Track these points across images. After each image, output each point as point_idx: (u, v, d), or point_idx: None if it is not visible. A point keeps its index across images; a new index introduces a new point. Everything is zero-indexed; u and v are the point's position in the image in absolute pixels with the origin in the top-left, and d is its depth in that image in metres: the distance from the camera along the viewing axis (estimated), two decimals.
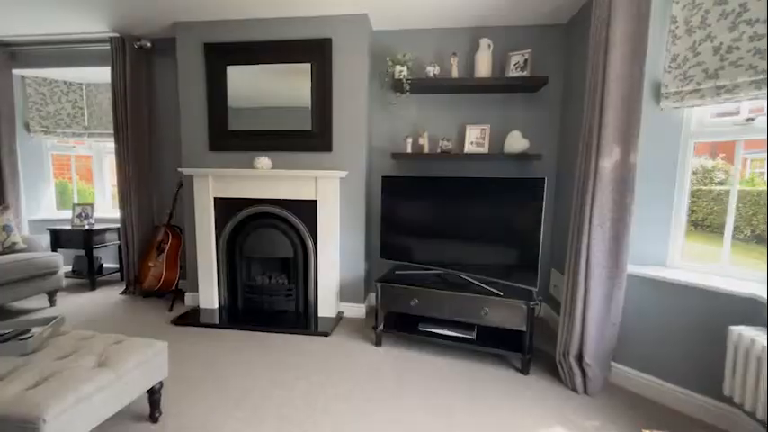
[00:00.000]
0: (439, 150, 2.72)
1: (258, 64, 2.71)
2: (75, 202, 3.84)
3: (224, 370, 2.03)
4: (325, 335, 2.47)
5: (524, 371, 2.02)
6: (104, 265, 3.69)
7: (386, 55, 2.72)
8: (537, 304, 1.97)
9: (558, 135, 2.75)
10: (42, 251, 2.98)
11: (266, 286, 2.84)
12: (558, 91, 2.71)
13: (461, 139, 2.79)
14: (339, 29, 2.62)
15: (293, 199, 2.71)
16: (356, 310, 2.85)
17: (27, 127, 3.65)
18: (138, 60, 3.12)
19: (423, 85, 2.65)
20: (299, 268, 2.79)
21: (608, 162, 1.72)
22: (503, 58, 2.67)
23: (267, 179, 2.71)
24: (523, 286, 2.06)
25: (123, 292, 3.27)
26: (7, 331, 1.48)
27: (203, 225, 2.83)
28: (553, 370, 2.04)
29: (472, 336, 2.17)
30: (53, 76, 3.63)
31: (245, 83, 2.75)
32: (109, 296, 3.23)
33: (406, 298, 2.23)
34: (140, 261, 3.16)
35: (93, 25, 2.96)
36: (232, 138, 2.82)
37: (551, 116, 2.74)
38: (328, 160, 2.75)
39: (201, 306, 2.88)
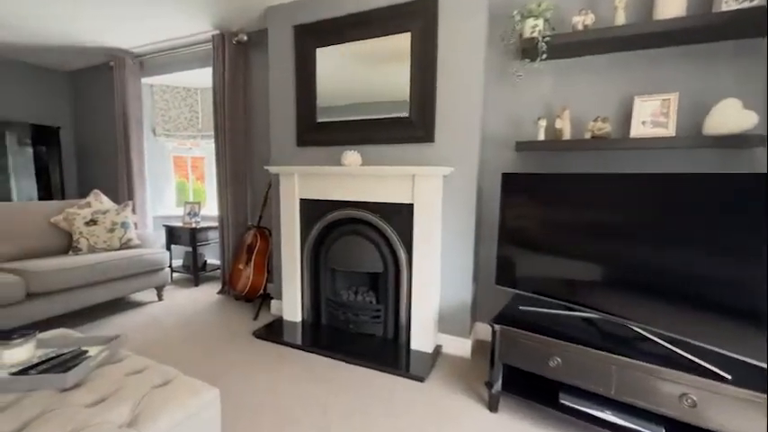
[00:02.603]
0: (588, 136, 1.89)
1: (350, 41, 2.30)
2: (189, 200, 4.08)
3: (294, 414, 1.63)
4: (420, 380, 1.90)
5: None
6: (208, 262, 3.82)
7: (511, 9, 2.00)
8: None
9: None
10: (155, 248, 3.12)
11: (351, 303, 2.42)
12: None
13: (625, 119, 1.91)
14: None
15: (385, 202, 2.22)
16: (459, 347, 2.22)
17: (154, 131, 4.00)
18: (237, 56, 3.03)
19: (567, 44, 1.86)
20: (389, 286, 2.29)
21: None
22: None
23: (356, 178, 2.27)
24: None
25: (219, 292, 3.27)
26: (66, 351, 1.31)
27: (289, 229, 2.55)
28: None
29: None
30: (174, 82, 3.89)
31: (334, 68, 2.37)
32: (207, 294, 3.26)
33: (541, 353, 1.51)
34: (233, 262, 3.10)
35: (199, 25, 2.98)
36: (320, 131, 2.48)
37: None
38: (429, 154, 2.18)
39: (285, 318, 2.63)
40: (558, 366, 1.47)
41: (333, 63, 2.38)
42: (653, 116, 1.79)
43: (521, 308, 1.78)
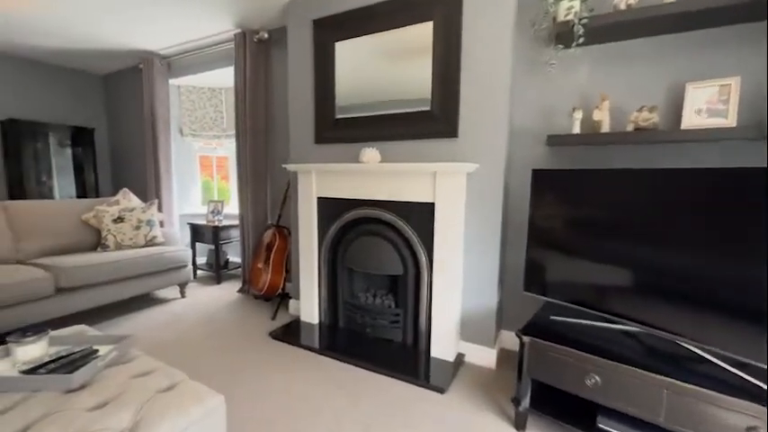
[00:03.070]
0: (631, 128, 1.70)
1: (369, 33, 2.21)
2: (214, 199, 4.14)
3: (305, 418, 1.56)
4: (440, 391, 1.78)
5: None
6: (230, 260, 3.85)
7: None
8: None
9: None
10: (178, 245, 3.17)
11: (369, 306, 2.33)
12: None
13: (674, 109, 1.70)
14: None
15: (405, 201, 2.11)
16: (483, 356, 2.08)
17: (181, 131, 4.09)
18: (258, 54, 3.02)
19: (607, 26, 1.67)
20: (408, 289, 2.18)
21: None
22: None
23: (374, 175, 2.18)
24: None
25: (239, 290, 3.28)
26: (77, 350, 1.30)
27: (306, 228, 2.50)
28: None
29: None
30: (200, 83, 3.96)
31: (354, 62, 2.29)
32: (228, 292, 3.28)
33: (576, 370, 1.35)
34: (252, 261, 3.09)
35: (221, 24, 2.99)
36: (338, 128, 2.40)
37: None
38: (452, 150, 2.05)
39: (302, 319, 2.58)
40: (597, 386, 1.31)
41: (352, 57, 2.30)
42: (708, 104, 1.58)
43: (552, 317, 1.62)
